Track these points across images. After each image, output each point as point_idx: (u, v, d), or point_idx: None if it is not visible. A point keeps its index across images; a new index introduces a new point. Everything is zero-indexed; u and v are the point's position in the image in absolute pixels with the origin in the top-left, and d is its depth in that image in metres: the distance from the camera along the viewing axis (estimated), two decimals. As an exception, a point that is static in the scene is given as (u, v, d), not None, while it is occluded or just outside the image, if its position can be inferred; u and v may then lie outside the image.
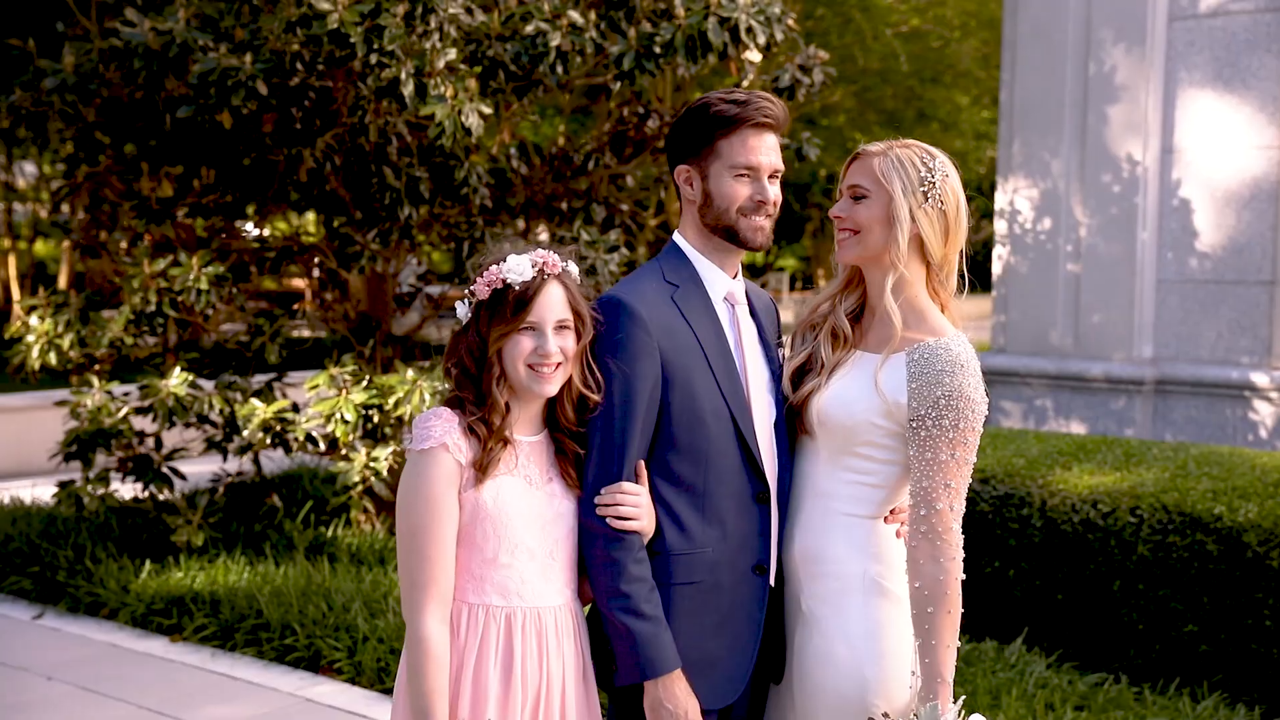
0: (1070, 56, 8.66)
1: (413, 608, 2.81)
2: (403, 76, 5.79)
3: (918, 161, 3.03)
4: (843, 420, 3.04)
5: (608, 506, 2.90)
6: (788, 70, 7.47)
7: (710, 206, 3.05)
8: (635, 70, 6.37)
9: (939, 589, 2.92)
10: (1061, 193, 8.70)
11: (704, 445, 2.98)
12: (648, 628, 2.87)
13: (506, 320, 2.86)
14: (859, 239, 3.08)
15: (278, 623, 6.38)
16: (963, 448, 2.94)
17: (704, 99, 3.08)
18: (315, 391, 7.16)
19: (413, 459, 2.85)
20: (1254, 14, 8.17)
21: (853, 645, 3.02)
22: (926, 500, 2.95)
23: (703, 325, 3.03)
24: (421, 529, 2.80)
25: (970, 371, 2.98)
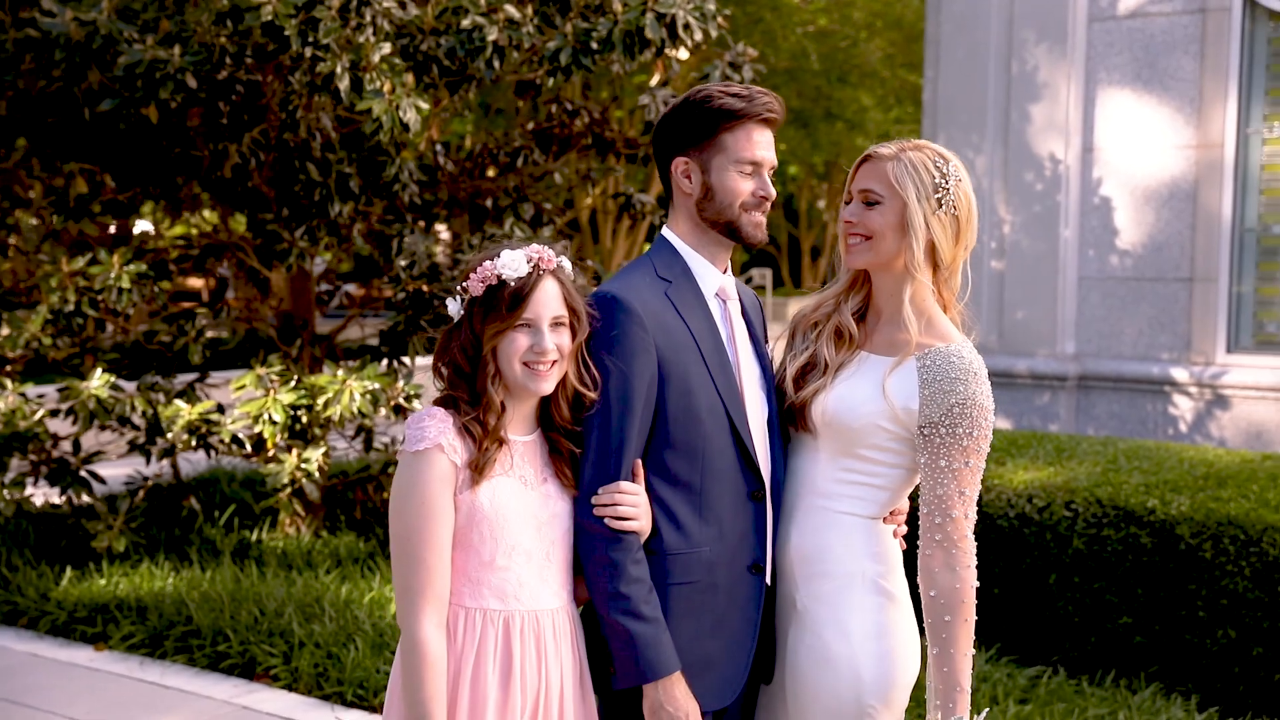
0: (993, 55, 8.76)
1: (408, 613, 2.73)
2: (338, 71, 5.67)
3: (931, 166, 2.98)
4: (849, 422, 3.01)
5: (606, 507, 2.84)
6: (718, 67, 7.45)
7: (712, 200, 3.00)
8: (572, 66, 6.30)
9: (955, 597, 2.91)
10: (985, 190, 8.80)
11: (700, 443, 2.93)
12: (648, 629, 2.82)
13: (502, 317, 2.80)
14: (870, 245, 3.04)
15: (209, 629, 6.22)
16: (976, 455, 2.93)
17: (703, 91, 3.02)
18: (241, 392, 7.01)
19: (406, 460, 2.77)
20: (1171, 16, 8.32)
21: (851, 645, 3.00)
22: (941, 508, 2.93)
23: (697, 321, 2.99)
24: (416, 532, 2.73)
25: (982, 379, 2.97)
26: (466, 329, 2.83)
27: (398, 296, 7.24)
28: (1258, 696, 5.53)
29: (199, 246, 7.78)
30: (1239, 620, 5.56)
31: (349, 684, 5.67)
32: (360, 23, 5.82)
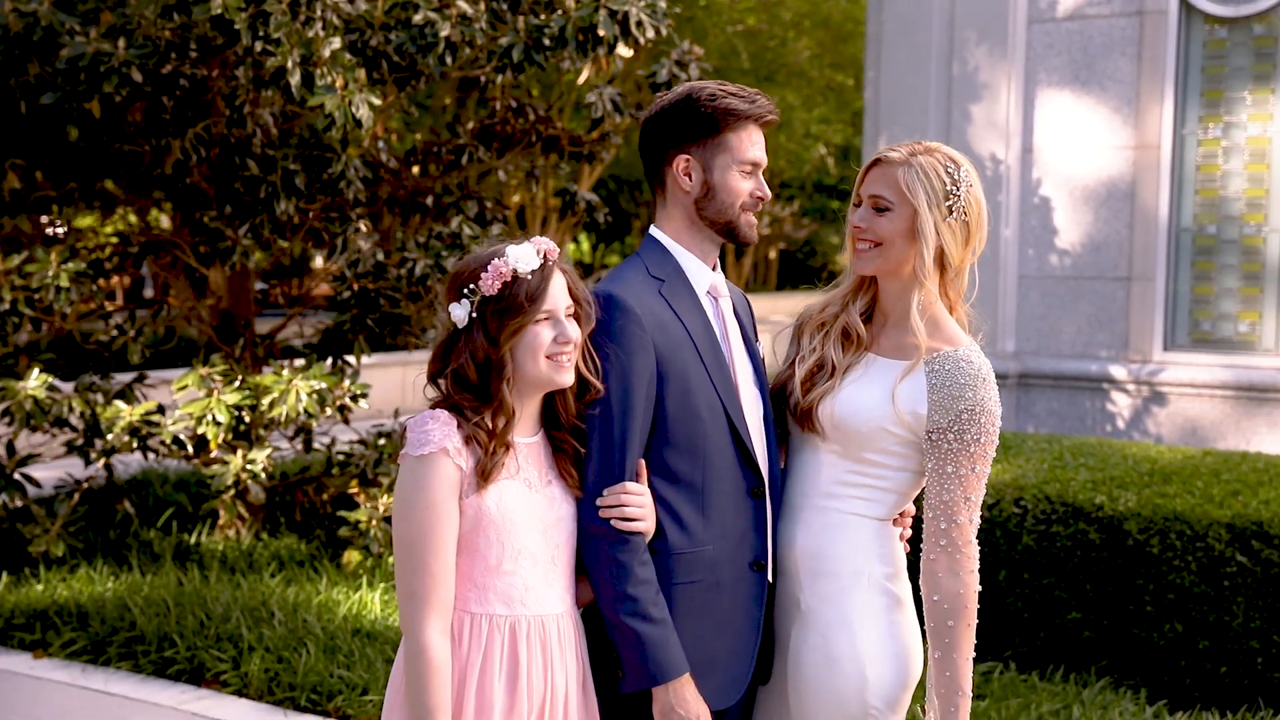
0: (934, 56, 8.83)
1: (412, 619, 2.68)
2: (289, 66, 5.57)
3: (942, 172, 2.95)
4: (856, 426, 3.00)
5: (612, 508, 2.81)
6: (665, 66, 7.44)
7: (712, 200, 2.99)
8: (524, 62, 6.26)
9: (959, 602, 2.92)
10: (927, 190, 8.84)
11: (700, 440, 2.91)
12: (656, 631, 2.79)
13: (523, 312, 2.74)
14: (880, 252, 3.01)
15: (154, 634, 6.10)
16: (982, 461, 2.93)
17: (705, 89, 3.00)
18: (183, 393, 6.89)
19: (410, 465, 2.71)
20: (1109, 18, 8.43)
21: (856, 646, 2.99)
22: (947, 513, 2.93)
23: (692, 319, 2.97)
24: (421, 538, 2.67)
25: (990, 384, 2.97)
26: (479, 332, 2.75)
27: (342, 295, 7.15)
28: (1204, 689, 5.62)
29: (137, 244, 7.62)
30: (1185, 614, 5.65)
31: (302, 688, 5.59)
32: (310, 17, 5.73)
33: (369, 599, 6.60)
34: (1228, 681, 5.59)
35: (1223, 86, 8.18)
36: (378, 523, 6.95)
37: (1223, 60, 8.18)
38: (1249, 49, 8.10)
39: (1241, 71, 8.13)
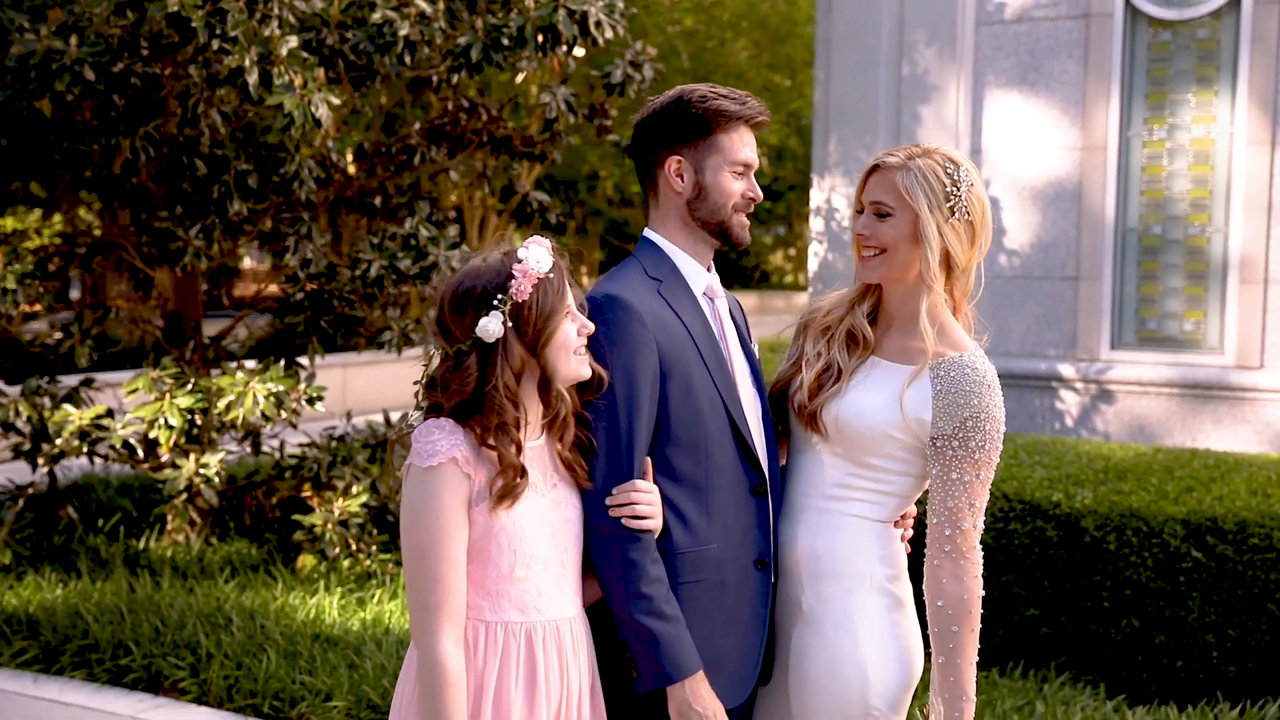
0: (884, 58, 8.88)
1: (425, 631, 2.64)
2: (247, 64, 5.49)
3: (941, 173, 2.95)
4: (860, 430, 2.99)
5: (622, 506, 2.80)
6: (619, 66, 7.42)
7: (704, 201, 3.00)
8: (483, 62, 6.21)
9: (963, 608, 2.91)
10: (877, 191, 8.89)
11: (702, 438, 2.91)
12: (671, 629, 2.78)
13: (555, 314, 2.72)
14: (885, 258, 3.00)
15: (108, 642, 5.99)
16: (987, 468, 2.93)
17: (696, 90, 3.01)
18: (134, 396, 6.78)
19: (417, 476, 2.67)
20: (1056, 21, 8.53)
21: (859, 647, 2.99)
22: (952, 520, 2.92)
23: (691, 318, 2.98)
24: (431, 548, 2.64)
25: (995, 391, 2.96)
26: (516, 341, 2.70)
27: (295, 297, 7.07)
28: (1160, 683, 5.69)
29: (84, 245, 7.49)
30: (1142, 610, 5.72)
31: (263, 695, 5.51)
32: (266, 14, 5.65)
33: (327, 604, 6.54)
34: (1183, 675, 5.66)
35: (1167, 89, 8.30)
36: (333, 526, 6.89)
37: (1167, 63, 8.30)
38: (1192, 52, 8.22)
39: (1185, 74, 8.25)
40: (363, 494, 7.07)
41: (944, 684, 2.93)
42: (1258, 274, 8.07)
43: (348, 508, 6.94)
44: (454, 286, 2.75)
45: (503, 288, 2.70)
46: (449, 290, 2.75)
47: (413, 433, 2.72)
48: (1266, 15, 7.93)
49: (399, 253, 6.96)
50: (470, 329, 2.69)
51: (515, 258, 2.73)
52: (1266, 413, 8.06)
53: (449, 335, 2.73)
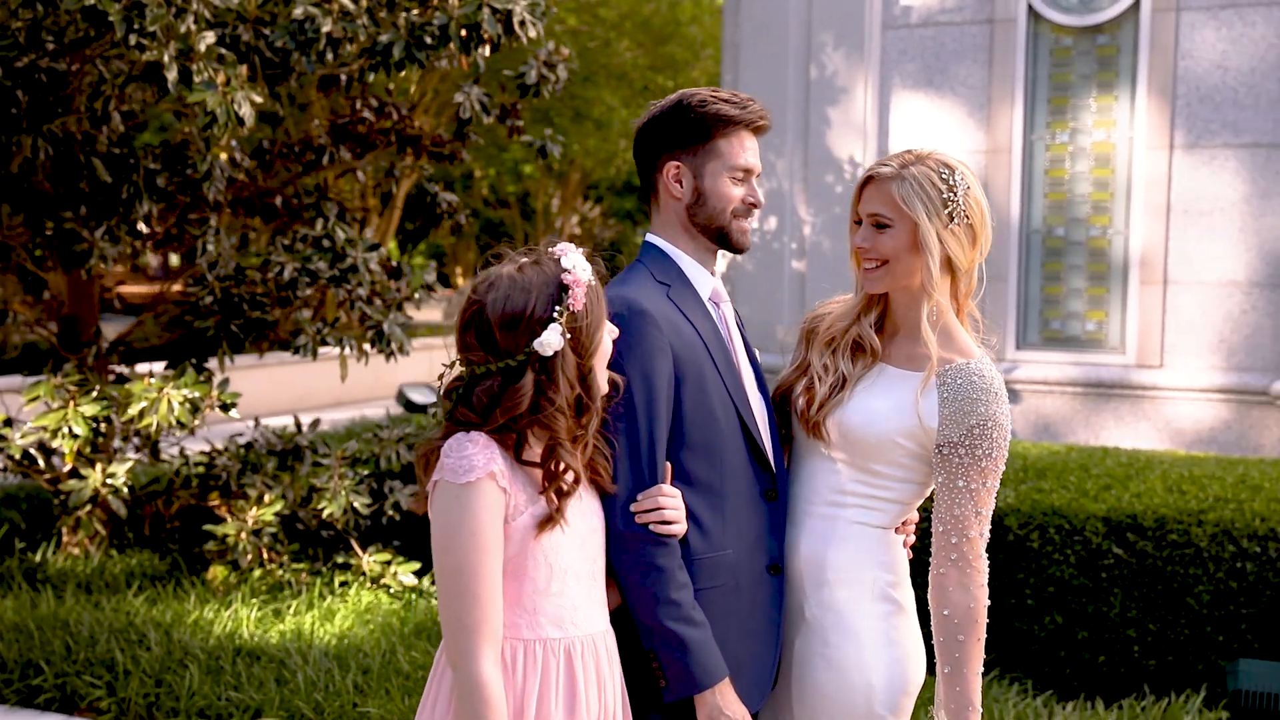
0: (791, 59, 8.92)
1: (465, 653, 2.54)
2: (166, 60, 5.30)
3: (936, 180, 2.92)
4: (865, 437, 2.97)
5: (649, 512, 2.75)
6: (533, 66, 7.33)
7: (703, 206, 2.96)
8: (405, 60, 6.09)
9: (969, 616, 2.89)
10: (786, 192, 8.95)
11: (717, 442, 2.88)
12: (700, 635, 2.74)
13: (601, 322, 2.66)
14: (887, 270, 2.97)
15: (16, 661, 5.74)
16: (993, 476, 2.91)
17: (696, 95, 2.97)
18: (34, 404, 6.52)
19: (451, 492, 2.56)
20: (961, 25, 8.65)
21: (863, 653, 2.97)
22: (958, 528, 2.89)
23: (700, 321, 2.94)
24: (469, 567, 2.54)
25: (1002, 398, 2.94)
26: (570, 352, 2.62)
27: (205, 300, 6.86)
28: (1083, 678, 5.79)
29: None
30: (1065, 606, 5.81)
31: (186, 713, 5.33)
32: (183, 9, 5.46)
33: (244, 616, 6.35)
34: (1105, 670, 5.77)
35: (1069, 93, 8.47)
36: (247, 536, 6.70)
37: (1069, 68, 8.47)
38: (1093, 57, 8.40)
39: (1086, 79, 8.43)
40: (276, 502, 6.90)
41: (949, 694, 2.92)
42: (1157, 275, 8.28)
43: (262, 517, 6.76)
44: (501, 299, 2.62)
45: (558, 299, 2.62)
46: (494, 303, 2.63)
47: (442, 447, 2.62)
48: (1164, 23, 8.14)
49: (312, 255, 6.79)
50: (524, 343, 2.60)
51: (562, 266, 2.65)
52: (1166, 410, 8.26)
53: (497, 352, 2.62)
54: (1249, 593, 5.69)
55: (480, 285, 2.66)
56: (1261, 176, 7.99)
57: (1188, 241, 8.22)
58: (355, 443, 7.32)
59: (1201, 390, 8.19)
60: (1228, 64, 8.03)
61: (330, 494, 6.91)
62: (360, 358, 7.14)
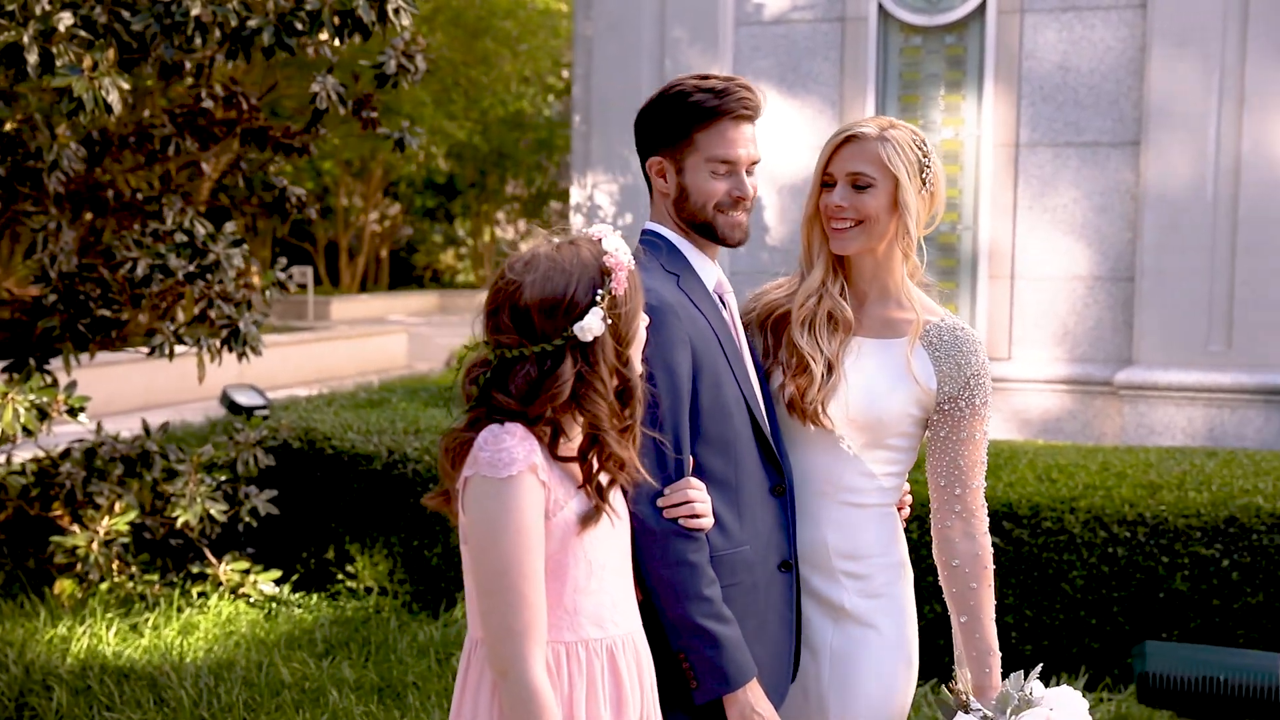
0: (645, 54, 8.89)
1: (514, 658, 2.39)
2: (25, 42, 4.95)
3: (913, 144, 2.99)
4: (878, 414, 2.97)
5: (679, 506, 2.66)
6: (391, 56, 7.11)
7: (687, 201, 2.89)
8: (274, 47, 5.82)
9: (978, 564, 2.97)
10: (642, 188, 8.88)
11: (731, 436, 2.81)
12: (732, 631, 2.68)
13: (640, 309, 2.55)
14: (864, 229, 2.98)
15: None
16: (986, 422, 3.01)
17: (676, 86, 2.89)
18: None
19: (491, 488, 2.41)
20: (813, 23, 8.74)
21: (904, 628, 3.03)
22: (961, 479, 2.97)
23: (710, 313, 2.87)
24: (514, 567, 2.39)
25: (983, 347, 3.04)
26: (610, 340, 2.50)
27: (48, 299, 6.46)
28: (963, 665, 5.90)
29: None
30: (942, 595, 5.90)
31: (56, 738, 5.02)
32: (37, -13, 5.11)
33: (102, 633, 6.01)
34: (985, 656, 5.88)
35: (919, 92, 8.64)
36: (99, 548, 6.34)
37: (918, 66, 8.64)
38: (942, 57, 8.59)
39: (935, 78, 8.61)
40: (129, 511, 6.55)
41: (969, 642, 2.97)
42: (1005, 269, 8.50)
43: (115, 526, 6.41)
44: (540, 279, 2.49)
45: (600, 283, 2.50)
46: (534, 284, 2.49)
47: (476, 440, 2.47)
48: (1009, 24, 8.37)
49: (164, 250, 6.46)
50: (563, 328, 2.47)
51: (600, 249, 2.53)
52: (1015, 401, 8.50)
53: (533, 335, 2.49)
54: (1120, 576, 5.88)
55: (516, 264, 2.52)
56: (1101, 174, 8.28)
57: (1033, 237, 8.47)
58: (210, 447, 7.01)
59: (1047, 381, 8.45)
60: (1070, 65, 8.30)
61: (186, 501, 6.60)
62: (215, 358, 6.83)
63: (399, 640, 6.16)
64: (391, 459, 7.06)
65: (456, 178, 43.34)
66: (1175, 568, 5.80)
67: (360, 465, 7.10)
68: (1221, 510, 5.83)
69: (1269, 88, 7.77)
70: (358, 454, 7.12)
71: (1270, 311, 7.82)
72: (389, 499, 7.02)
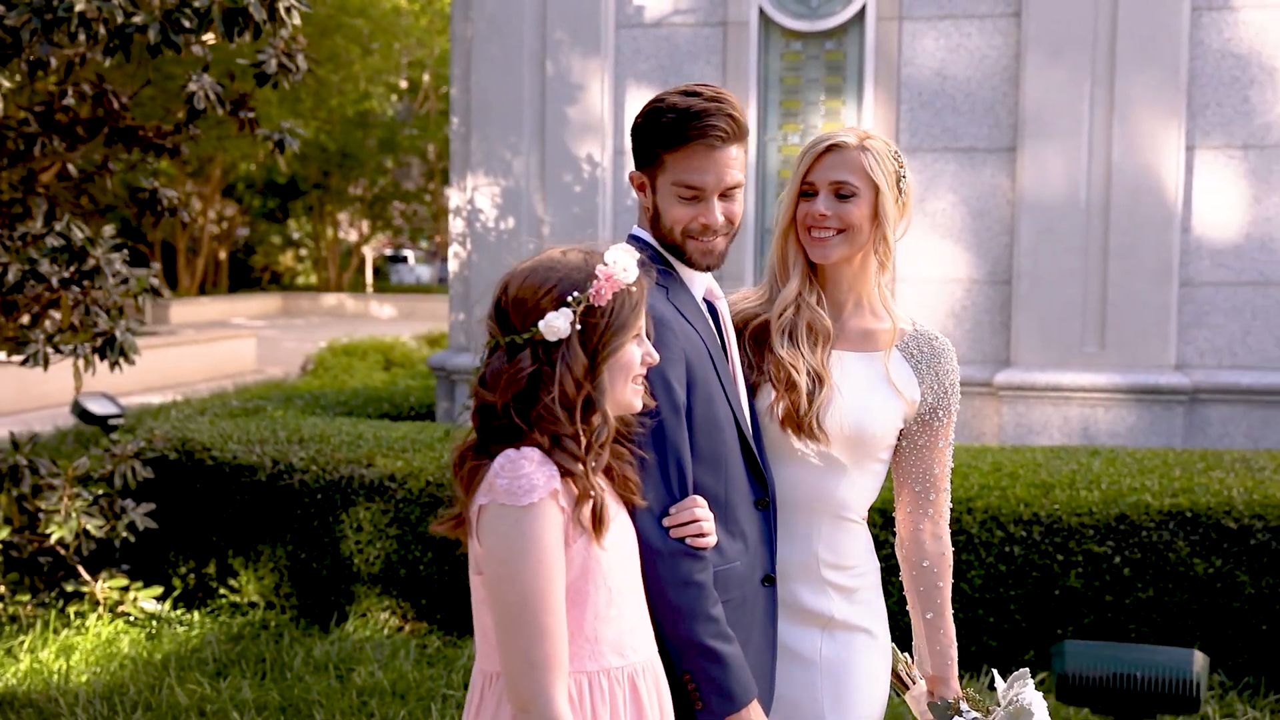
0: (526, 56, 8.78)
1: (538, 693, 2.29)
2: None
3: (890, 155, 3.01)
4: (872, 430, 2.96)
5: (686, 525, 2.60)
6: (271, 55, 6.91)
7: (659, 221, 2.83)
8: (161, 44, 5.58)
9: (944, 563, 3.08)
10: (524, 191, 8.81)
11: (722, 451, 2.75)
12: (736, 651, 2.63)
13: (624, 330, 2.44)
14: (847, 238, 2.97)
15: None
16: (953, 428, 3.08)
17: (659, 101, 2.81)
18: None
19: (512, 516, 2.31)
20: (694, 27, 8.74)
21: (886, 631, 3.10)
22: (936, 485, 3.06)
23: (699, 324, 2.80)
24: (536, 598, 2.30)
25: (954, 353, 3.10)
26: (580, 347, 2.41)
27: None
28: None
29: None
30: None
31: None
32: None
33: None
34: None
35: (800, 97, 8.69)
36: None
37: (799, 71, 8.69)
38: (822, 62, 8.65)
39: (815, 83, 8.67)
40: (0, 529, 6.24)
41: (934, 638, 3.08)
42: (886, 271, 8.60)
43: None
44: (525, 274, 2.45)
45: (581, 286, 2.43)
46: (519, 276, 2.45)
47: (492, 466, 2.37)
48: (888, 31, 8.47)
49: (37, 255, 6.17)
50: (531, 322, 2.41)
51: (600, 259, 2.46)
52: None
53: (508, 326, 2.44)
54: (1017, 575, 5.99)
55: (520, 262, 2.49)
56: (979, 179, 8.43)
57: (912, 240, 8.58)
58: (87, 460, 6.71)
59: (927, 383, 8.57)
60: (947, 72, 8.44)
61: (60, 517, 6.32)
62: (90, 367, 6.55)
63: (293, 657, 5.98)
64: (276, 469, 6.86)
65: (299, 178, 42.48)
66: (1070, 565, 5.94)
67: (243, 477, 6.89)
68: (1112, 508, 5.98)
69: (1137, 96, 8.00)
70: (240, 465, 6.91)
71: (1142, 312, 8.05)
72: (274, 511, 6.83)
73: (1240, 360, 8.14)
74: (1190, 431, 8.14)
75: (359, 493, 6.69)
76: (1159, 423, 8.05)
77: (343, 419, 8.22)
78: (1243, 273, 8.13)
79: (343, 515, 6.71)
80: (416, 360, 18.52)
